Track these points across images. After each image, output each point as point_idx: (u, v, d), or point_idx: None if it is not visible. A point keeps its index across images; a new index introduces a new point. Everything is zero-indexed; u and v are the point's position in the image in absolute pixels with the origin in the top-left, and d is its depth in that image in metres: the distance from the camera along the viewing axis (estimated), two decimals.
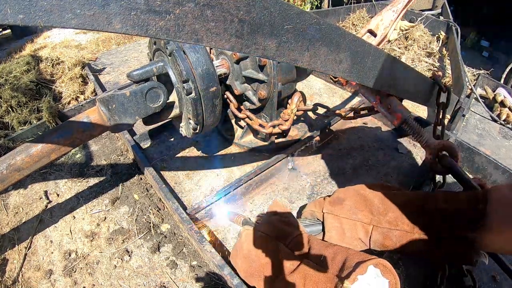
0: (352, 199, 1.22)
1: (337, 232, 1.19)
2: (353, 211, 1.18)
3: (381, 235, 1.12)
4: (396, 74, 1.18)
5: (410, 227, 1.08)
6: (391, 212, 1.12)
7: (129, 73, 1.24)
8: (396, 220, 1.11)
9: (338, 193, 1.29)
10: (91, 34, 3.49)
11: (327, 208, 1.24)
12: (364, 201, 1.19)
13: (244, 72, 1.53)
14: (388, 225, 1.11)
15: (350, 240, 1.17)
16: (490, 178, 1.72)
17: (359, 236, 1.16)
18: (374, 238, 1.13)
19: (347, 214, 1.18)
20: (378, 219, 1.13)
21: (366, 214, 1.16)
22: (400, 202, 1.14)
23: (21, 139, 1.87)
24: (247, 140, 1.88)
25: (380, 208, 1.15)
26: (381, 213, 1.14)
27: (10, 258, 1.33)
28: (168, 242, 1.38)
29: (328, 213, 1.22)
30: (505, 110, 2.29)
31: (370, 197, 1.19)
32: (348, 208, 1.19)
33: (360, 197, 1.21)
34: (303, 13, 0.74)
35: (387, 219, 1.12)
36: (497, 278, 1.26)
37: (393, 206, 1.13)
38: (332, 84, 2.60)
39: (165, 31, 0.58)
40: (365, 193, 1.21)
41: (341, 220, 1.19)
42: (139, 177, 1.69)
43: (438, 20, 3.32)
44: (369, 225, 1.14)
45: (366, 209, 1.17)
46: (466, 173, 1.21)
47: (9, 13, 0.46)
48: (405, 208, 1.12)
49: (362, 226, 1.15)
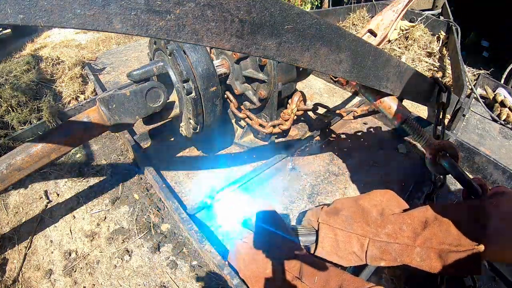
0: (349, 209, 1.16)
1: (330, 244, 1.13)
2: (349, 222, 1.12)
3: (379, 249, 1.05)
4: (396, 74, 1.18)
5: (411, 240, 1.02)
6: (390, 224, 1.06)
7: (129, 73, 1.24)
8: (395, 232, 1.04)
9: (335, 203, 1.24)
10: (91, 34, 3.48)
11: (322, 218, 1.18)
12: (362, 212, 1.14)
13: (244, 72, 1.53)
14: (386, 238, 1.05)
15: (344, 253, 1.11)
16: (490, 178, 1.72)
17: (354, 249, 1.10)
18: (371, 252, 1.07)
19: (342, 225, 1.12)
20: (376, 231, 1.07)
21: (362, 226, 1.10)
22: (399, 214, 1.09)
23: (21, 139, 1.86)
24: (247, 140, 1.88)
25: (378, 220, 1.09)
26: (379, 225, 1.08)
27: (10, 258, 1.33)
28: (168, 242, 1.38)
29: (323, 223, 1.16)
30: (505, 110, 2.29)
31: (368, 209, 1.14)
32: (344, 219, 1.13)
33: (358, 208, 1.15)
34: (304, 13, 0.74)
35: (385, 232, 1.05)
36: (497, 278, 1.26)
37: (392, 219, 1.08)
38: (332, 84, 2.60)
39: (165, 31, 0.58)
40: (363, 203, 1.16)
41: (336, 231, 1.13)
42: (139, 177, 1.69)
43: (438, 20, 3.32)
44: (364, 238, 1.08)
45: (362, 221, 1.11)
46: (466, 173, 1.21)
47: (9, 13, 0.46)
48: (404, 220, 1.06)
49: (357, 239, 1.09)
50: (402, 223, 1.05)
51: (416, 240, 1.01)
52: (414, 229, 1.03)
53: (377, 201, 1.17)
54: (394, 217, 1.09)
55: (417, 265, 1.02)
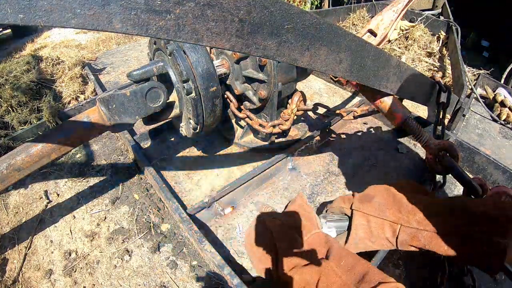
0: (382, 196, 1.19)
1: (364, 231, 1.17)
2: (382, 209, 1.15)
3: (409, 235, 1.09)
4: (396, 74, 1.18)
5: (440, 228, 1.05)
6: (420, 212, 1.10)
7: (129, 73, 1.24)
8: (425, 220, 1.08)
9: (368, 190, 1.27)
10: (91, 34, 3.48)
11: (356, 205, 1.21)
12: (393, 199, 1.17)
13: (244, 72, 1.53)
14: (417, 225, 1.08)
15: (377, 239, 1.15)
16: (490, 178, 1.72)
17: (386, 235, 1.13)
18: (401, 238, 1.10)
19: (375, 212, 1.16)
20: (407, 218, 1.10)
21: (394, 213, 1.13)
22: (428, 202, 1.12)
23: (21, 139, 1.86)
24: (247, 140, 1.88)
25: (409, 207, 1.12)
26: (410, 212, 1.11)
27: (10, 258, 1.33)
28: (168, 242, 1.38)
29: (356, 210, 1.20)
30: (505, 110, 2.29)
31: (399, 196, 1.17)
32: (377, 206, 1.17)
33: (389, 195, 1.19)
34: (303, 13, 0.74)
35: (416, 219, 1.09)
36: (497, 278, 1.26)
37: (422, 206, 1.11)
38: (332, 84, 2.60)
39: (165, 31, 0.58)
40: (394, 191, 1.19)
41: (369, 218, 1.17)
42: (139, 177, 1.69)
43: (438, 20, 3.32)
44: (396, 224, 1.12)
45: (394, 207, 1.14)
46: (466, 173, 1.21)
47: (9, 13, 0.46)
48: (433, 209, 1.09)
49: (390, 226, 1.13)
50: (432, 211, 1.09)
51: (444, 229, 1.04)
52: (444, 218, 1.06)
53: (407, 189, 1.21)
54: (424, 205, 1.12)
55: (444, 252, 1.04)
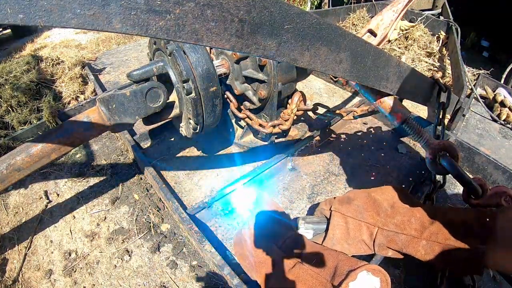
0: (361, 199, 1.21)
1: (341, 231, 1.18)
2: (360, 211, 1.17)
3: (386, 238, 1.10)
4: (396, 74, 1.18)
5: (418, 232, 1.06)
6: (399, 216, 1.11)
7: (129, 73, 1.24)
8: (403, 223, 1.09)
9: (349, 193, 1.29)
10: (91, 34, 3.48)
11: (335, 206, 1.23)
12: (373, 203, 1.19)
13: (244, 72, 1.53)
14: (394, 228, 1.09)
15: (354, 241, 1.16)
16: (490, 178, 1.72)
17: (363, 237, 1.15)
18: (379, 240, 1.12)
19: (353, 213, 1.18)
20: (385, 221, 1.12)
21: (373, 215, 1.15)
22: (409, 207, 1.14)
23: (21, 139, 1.86)
24: (247, 140, 1.88)
25: (388, 210, 1.14)
26: (389, 215, 1.13)
27: (10, 258, 1.33)
28: (168, 242, 1.38)
29: (335, 211, 1.22)
30: (505, 110, 2.28)
31: (379, 200, 1.19)
32: (356, 208, 1.19)
33: (370, 199, 1.21)
34: (303, 13, 0.74)
35: (394, 222, 1.10)
36: (497, 278, 1.26)
37: (402, 211, 1.12)
38: (332, 84, 2.60)
39: (165, 31, 0.58)
40: (375, 195, 1.21)
41: (347, 219, 1.18)
42: (139, 177, 1.69)
43: (438, 20, 3.31)
44: (374, 226, 1.13)
45: (373, 210, 1.16)
46: (466, 173, 1.21)
47: (9, 13, 0.46)
48: (413, 214, 1.10)
49: (367, 228, 1.14)
50: (411, 216, 1.10)
51: (422, 233, 1.05)
52: (422, 222, 1.07)
53: (389, 195, 1.22)
54: (404, 209, 1.13)
55: (420, 257, 1.05)
